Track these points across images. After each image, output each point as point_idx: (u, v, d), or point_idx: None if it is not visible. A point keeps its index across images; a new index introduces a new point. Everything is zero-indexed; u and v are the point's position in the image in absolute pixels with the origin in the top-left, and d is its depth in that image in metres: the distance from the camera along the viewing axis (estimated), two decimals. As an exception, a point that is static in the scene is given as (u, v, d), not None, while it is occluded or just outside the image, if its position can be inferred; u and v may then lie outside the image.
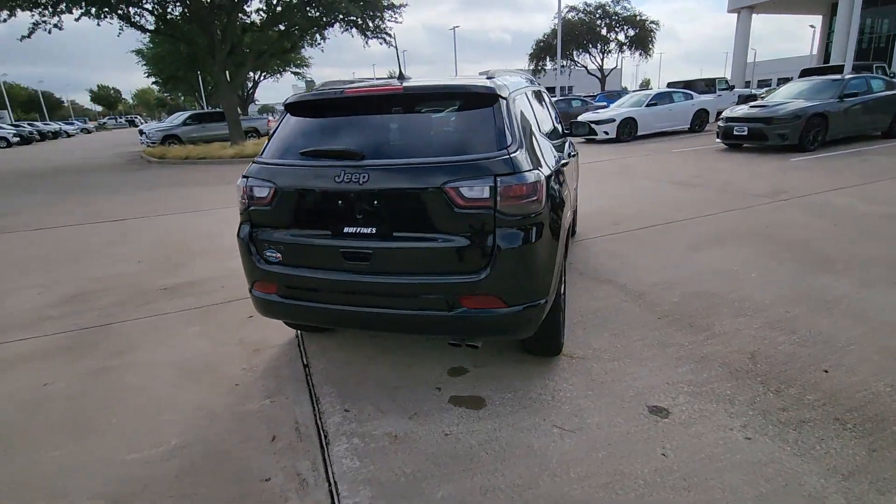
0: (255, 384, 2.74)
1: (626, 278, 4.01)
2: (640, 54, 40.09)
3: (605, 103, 19.50)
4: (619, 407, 2.38)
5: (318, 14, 19.03)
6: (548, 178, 2.38)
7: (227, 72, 18.78)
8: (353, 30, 19.21)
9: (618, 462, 2.02)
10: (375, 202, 2.17)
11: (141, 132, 22.69)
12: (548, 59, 39.72)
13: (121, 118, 70.81)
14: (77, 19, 14.66)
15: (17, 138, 33.63)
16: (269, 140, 2.54)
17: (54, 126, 45.27)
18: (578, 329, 3.19)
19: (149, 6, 17.40)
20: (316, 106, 2.48)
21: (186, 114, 22.75)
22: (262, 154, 2.48)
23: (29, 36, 14.90)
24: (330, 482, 1.99)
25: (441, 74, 2.89)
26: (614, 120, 14.11)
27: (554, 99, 20.83)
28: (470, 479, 1.97)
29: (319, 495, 1.93)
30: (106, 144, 29.13)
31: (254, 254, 2.46)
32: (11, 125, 39.19)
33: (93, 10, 14.74)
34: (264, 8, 19.43)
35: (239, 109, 21.95)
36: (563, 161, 3.06)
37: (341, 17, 18.74)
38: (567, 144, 4.29)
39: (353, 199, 2.19)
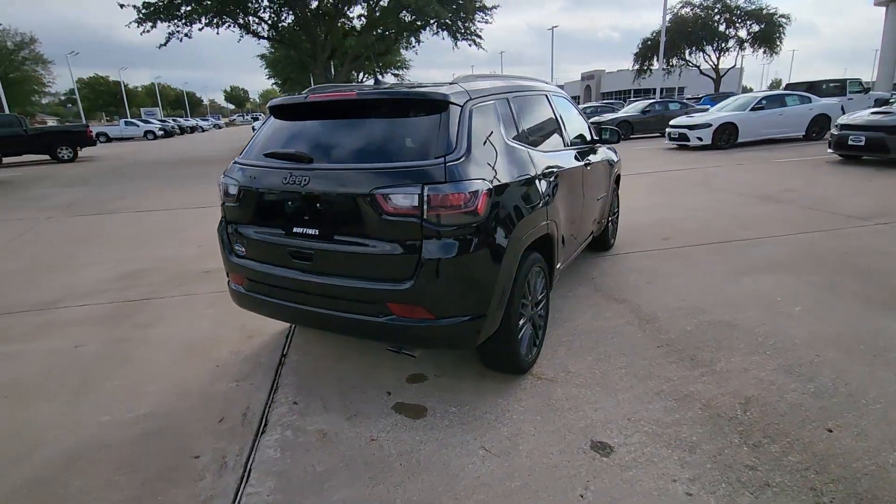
0: (233, 367, 2.94)
1: (644, 299, 3.69)
2: (765, 52, 36.13)
3: (707, 106, 17.89)
4: (560, 436, 2.21)
5: (411, 18, 19.69)
6: (501, 187, 2.28)
7: (328, 74, 20.12)
8: (444, 32, 19.59)
9: (528, 495, 1.89)
10: (317, 205, 2.23)
11: (254, 129, 25.13)
12: (654, 59, 37.25)
13: (247, 115, 78.72)
14: (200, 29, 16.63)
15: (162, 132, 38.92)
16: (249, 141, 2.71)
17: (192, 122, 51.78)
18: (562, 349, 3.00)
19: (265, 15, 19.22)
20: (288, 110, 2.60)
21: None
22: (241, 154, 2.66)
23: (165, 44, 17.20)
24: (245, 469, 2.09)
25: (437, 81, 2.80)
26: (710, 125, 12.91)
27: (649, 101, 19.52)
28: (372, 488, 1.96)
29: (231, 479, 2.03)
30: (229, 139, 32.58)
31: (227, 246, 2.65)
32: (159, 121, 45.55)
33: (214, 20, 16.61)
34: (366, 14, 20.54)
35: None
36: (550, 169, 2.88)
37: (432, 20, 19.22)
38: (598, 151, 4.03)
39: (298, 201, 2.28)
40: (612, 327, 3.28)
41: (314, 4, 18.97)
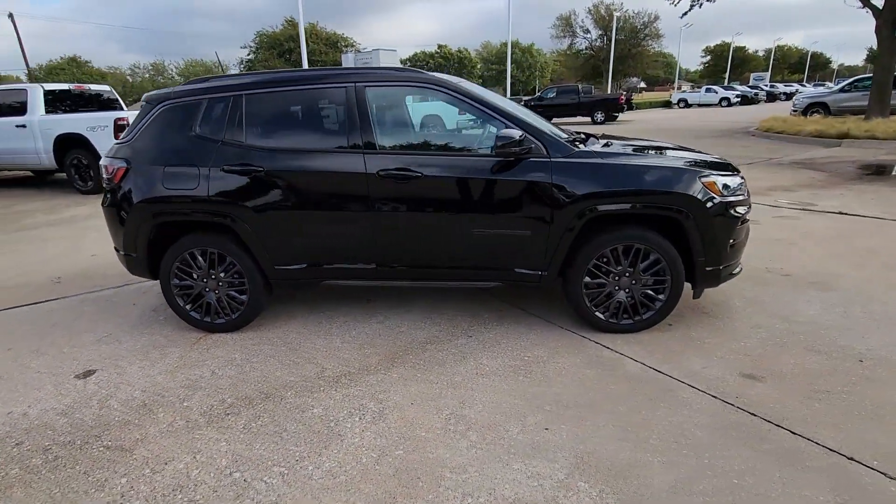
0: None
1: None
2: None
3: None
4: (91, 355, 2.93)
5: None
6: (142, 168, 2.98)
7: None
8: None
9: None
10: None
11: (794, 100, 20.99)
12: None
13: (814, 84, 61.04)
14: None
15: (738, 99, 37.05)
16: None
17: (793, 87, 45.63)
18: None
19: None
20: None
21: (855, 78, 18.66)
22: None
23: (687, 13, 17.20)
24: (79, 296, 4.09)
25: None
26: None
27: None
28: (50, 341, 3.55)
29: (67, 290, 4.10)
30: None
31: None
32: (765, 86, 43.16)
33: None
34: None
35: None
36: (249, 168, 2.90)
37: None
38: (514, 167, 2.82)
39: None
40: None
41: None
